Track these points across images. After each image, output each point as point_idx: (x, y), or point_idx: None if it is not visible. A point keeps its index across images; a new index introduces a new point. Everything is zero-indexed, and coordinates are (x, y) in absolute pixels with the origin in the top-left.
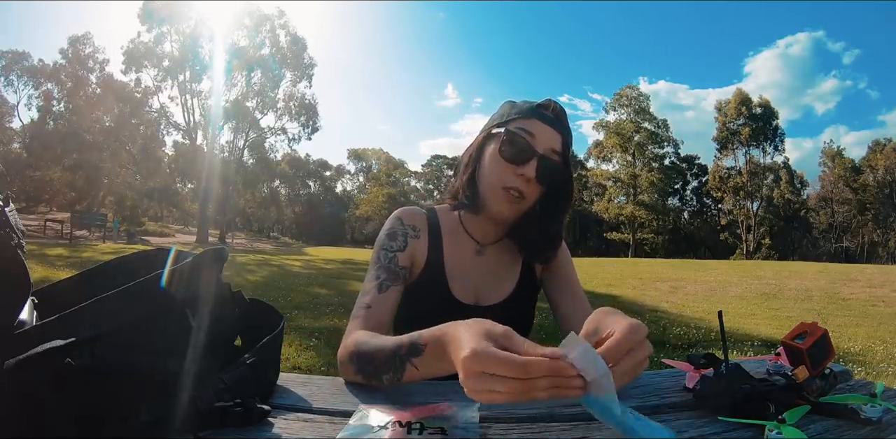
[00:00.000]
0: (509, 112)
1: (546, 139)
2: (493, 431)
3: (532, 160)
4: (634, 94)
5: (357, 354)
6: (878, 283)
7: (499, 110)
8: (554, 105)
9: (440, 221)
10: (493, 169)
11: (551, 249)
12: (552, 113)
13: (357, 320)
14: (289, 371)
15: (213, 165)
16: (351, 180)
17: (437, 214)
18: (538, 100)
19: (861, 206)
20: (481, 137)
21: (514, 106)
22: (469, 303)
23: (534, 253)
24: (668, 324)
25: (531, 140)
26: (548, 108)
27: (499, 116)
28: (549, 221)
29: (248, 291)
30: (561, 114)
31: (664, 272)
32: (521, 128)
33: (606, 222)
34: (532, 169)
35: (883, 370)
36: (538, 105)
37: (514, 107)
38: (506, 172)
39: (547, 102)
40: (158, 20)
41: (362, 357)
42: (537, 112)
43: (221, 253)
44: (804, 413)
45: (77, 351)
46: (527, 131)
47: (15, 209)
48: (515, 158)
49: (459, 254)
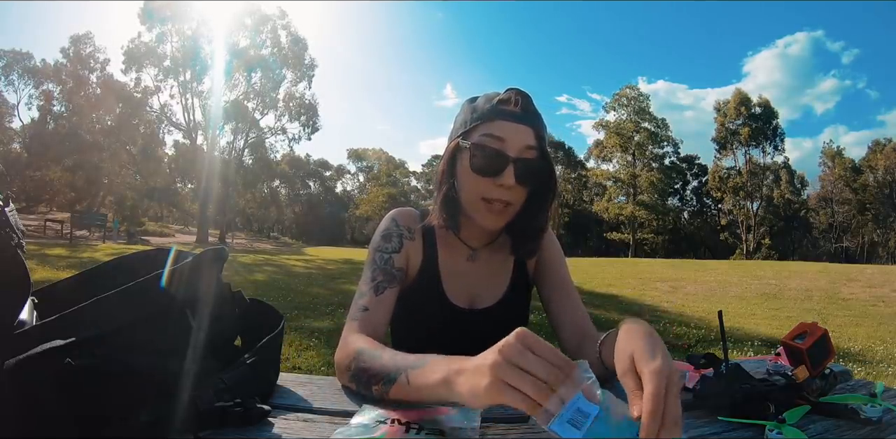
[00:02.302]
0: (471, 117)
1: (517, 138)
2: (493, 431)
3: (507, 167)
4: (634, 93)
5: (355, 360)
6: (878, 283)
7: (460, 113)
8: (515, 96)
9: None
10: (470, 184)
11: (535, 241)
12: (516, 106)
13: (355, 323)
14: (289, 371)
15: (213, 165)
16: (351, 180)
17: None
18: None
19: (861, 206)
20: (450, 150)
21: (474, 109)
22: (464, 306)
23: (519, 245)
24: (668, 324)
25: (501, 145)
26: (509, 102)
27: (461, 124)
28: (534, 213)
29: (248, 291)
30: (526, 104)
31: (664, 272)
32: (487, 134)
33: (606, 222)
34: (510, 176)
35: (883, 370)
36: (499, 101)
37: (474, 110)
38: (484, 185)
39: (507, 96)
40: (159, 20)
41: (360, 365)
42: (499, 111)
43: (221, 253)
44: (804, 413)
45: (77, 351)
46: (494, 137)
47: (15, 209)
48: (489, 170)
49: (453, 257)
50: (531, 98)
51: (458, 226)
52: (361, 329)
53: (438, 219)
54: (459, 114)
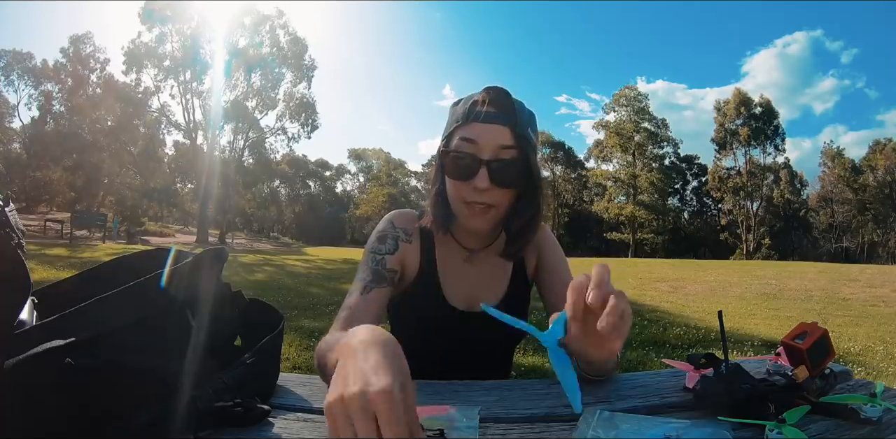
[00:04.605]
0: (451, 121)
1: (490, 139)
2: (493, 431)
3: (480, 169)
4: (633, 93)
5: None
6: (878, 283)
7: (448, 116)
8: (491, 96)
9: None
10: (451, 188)
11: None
12: (490, 106)
13: (338, 322)
14: (289, 371)
15: (213, 165)
16: (351, 180)
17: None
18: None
19: (861, 206)
20: (437, 154)
21: (454, 112)
22: (463, 308)
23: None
24: (668, 324)
25: (474, 148)
26: (483, 103)
27: (445, 128)
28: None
29: (248, 291)
30: (501, 103)
31: (664, 272)
32: (462, 137)
33: (606, 222)
34: (484, 179)
35: (883, 370)
36: (473, 102)
37: (454, 114)
38: (462, 189)
39: (481, 96)
40: (159, 20)
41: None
42: (473, 112)
43: (221, 253)
44: (804, 413)
45: (77, 351)
46: (467, 140)
47: (15, 209)
48: (463, 174)
49: (451, 259)
50: (509, 94)
51: (447, 227)
52: (343, 328)
53: (432, 218)
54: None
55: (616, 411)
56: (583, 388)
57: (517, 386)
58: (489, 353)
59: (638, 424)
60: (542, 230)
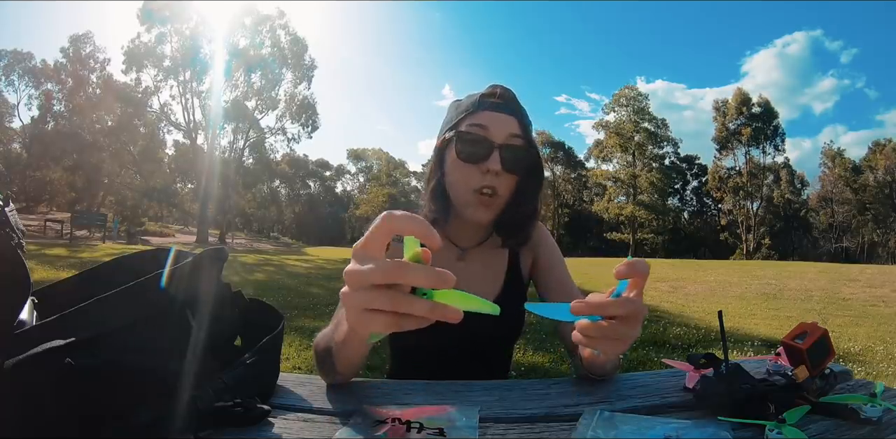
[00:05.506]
0: (456, 113)
1: (501, 127)
2: (493, 431)
3: (493, 152)
4: (633, 93)
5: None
6: (878, 283)
7: (447, 114)
8: (499, 90)
9: None
10: (459, 174)
11: (524, 229)
12: (499, 98)
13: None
14: (289, 371)
15: (213, 165)
16: (351, 180)
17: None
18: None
19: (861, 206)
20: (438, 146)
21: (458, 106)
22: None
23: (509, 235)
24: (668, 324)
25: (486, 133)
26: (493, 95)
27: (448, 121)
28: (522, 202)
29: (248, 291)
30: (509, 97)
31: (664, 272)
32: (473, 124)
33: (606, 222)
34: (496, 161)
35: (883, 370)
36: (482, 95)
37: (458, 106)
38: (472, 174)
39: (491, 90)
40: (158, 20)
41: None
42: (483, 103)
43: (221, 253)
44: (804, 413)
45: (77, 352)
46: (479, 125)
47: (15, 209)
48: (475, 156)
49: (443, 259)
50: (515, 94)
51: (447, 219)
52: None
53: (427, 212)
54: (446, 115)
55: (616, 411)
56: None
57: (517, 386)
58: (486, 352)
59: (638, 424)
60: (540, 229)
